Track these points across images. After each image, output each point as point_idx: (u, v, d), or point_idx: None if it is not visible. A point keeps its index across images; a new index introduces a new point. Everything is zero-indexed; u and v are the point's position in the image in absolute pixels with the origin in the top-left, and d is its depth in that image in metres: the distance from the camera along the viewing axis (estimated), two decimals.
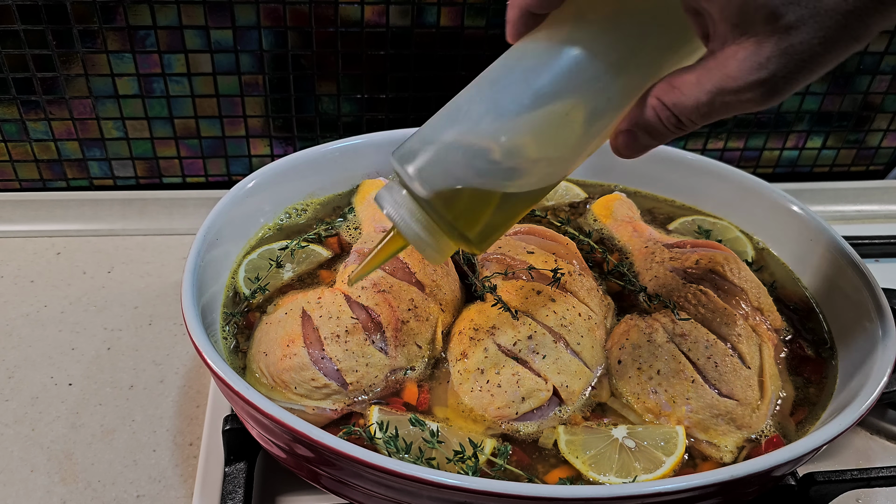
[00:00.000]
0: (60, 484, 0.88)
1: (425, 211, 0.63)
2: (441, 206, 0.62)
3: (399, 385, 0.83)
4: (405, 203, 0.63)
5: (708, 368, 0.81)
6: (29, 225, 1.27)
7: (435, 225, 0.63)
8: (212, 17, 1.16)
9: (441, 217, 0.62)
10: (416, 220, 0.63)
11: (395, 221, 0.64)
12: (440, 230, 0.64)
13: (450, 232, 0.64)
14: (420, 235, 0.64)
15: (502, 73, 0.62)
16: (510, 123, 0.60)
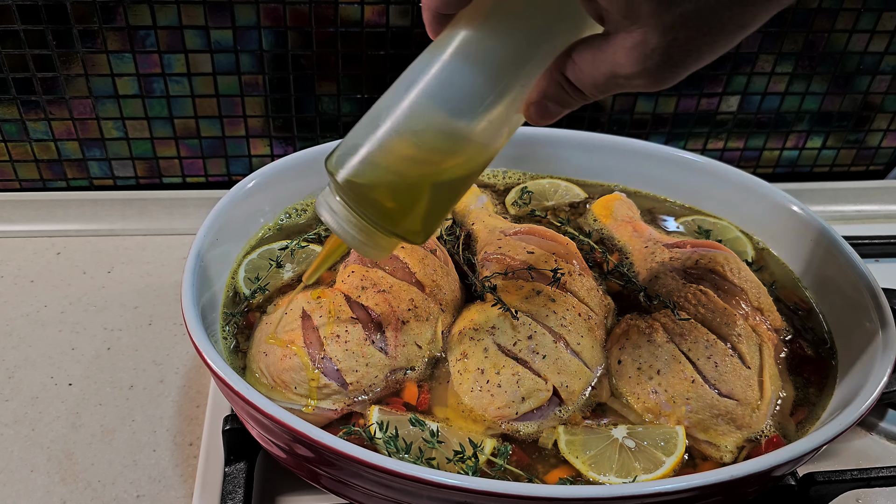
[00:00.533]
0: (60, 484, 0.88)
1: (357, 214, 0.66)
2: (369, 207, 0.65)
3: (399, 385, 0.83)
4: (338, 209, 0.67)
5: (708, 368, 0.81)
6: (29, 225, 1.27)
7: (368, 225, 0.66)
8: (212, 17, 1.16)
9: (371, 217, 0.66)
10: (350, 224, 0.67)
11: (332, 228, 0.68)
12: (374, 230, 0.66)
13: (384, 231, 0.66)
14: (357, 238, 0.67)
15: (418, 74, 0.65)
16: (426, 119, 0.63)
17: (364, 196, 0.65)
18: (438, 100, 0.63)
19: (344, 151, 0.65)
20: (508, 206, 1.11)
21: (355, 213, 0.66)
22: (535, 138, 1.15)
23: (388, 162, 0.64)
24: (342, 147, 0.66)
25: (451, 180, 0.67)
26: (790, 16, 1.29)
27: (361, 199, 0.65)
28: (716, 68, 1.33)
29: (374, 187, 0.64)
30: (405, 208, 0.66)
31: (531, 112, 0.65)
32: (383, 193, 0.65)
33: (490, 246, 0.96)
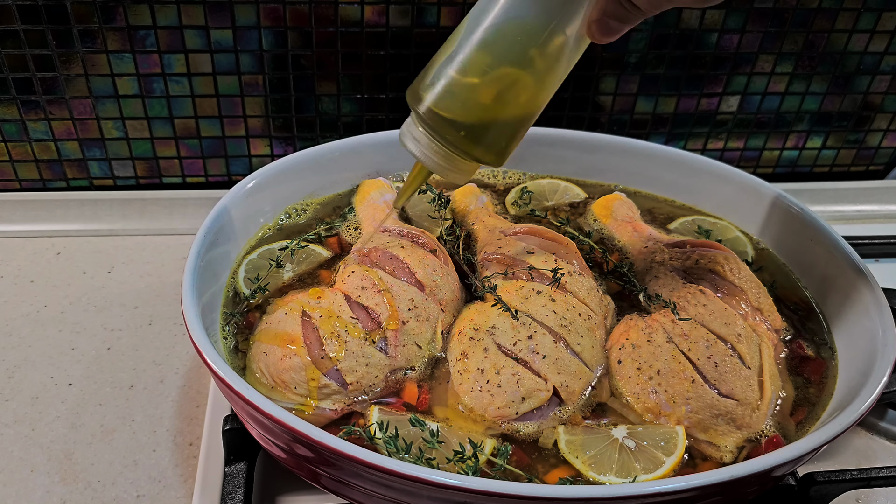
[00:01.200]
0: (60, 484, 0.88)
1: (439, 141, 0.72)
2: (450, 133, 0.72)
3: (399, 385, 0.83)
4: (421, 137, 0.73)
5: (708, 368, 0.81)
6: (29, 225, 1.27)
7: (450, 151, 0.73)
8: (212, 17, 1.16)
9: (452, 143, 0.72)
10: (432, 151, 0.73)
11: (416, 156, 0.74)
12: (455, 155, 0.73)
13: (464, 155, 0.73)
14: (439, 163, 0.74)
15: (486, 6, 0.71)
16: (499, 46, 0.70)
17: (445, 124, 0.71)
18: (509, 26, 0.69)
19: (424, 84, 0.72)
20: (508, 206, 1.11)
21: (437, 140, 0.72)
22: (535, 138, 1.15)
23: (465, 90, 0.70)
24: (422, 80, 0.73)
25: (524, 103, 0.72)
26: (790, 16, 1.29)
27: (442, 126, 0.71)
28: (716, 68, 1.33)
29: (454, 115, 0.71)
30: (483, 133, 0.72)
31: (593, 30, 0.70)
32: (462, 120, 0.71)
33: (490, 246, 0.96)
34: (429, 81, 0.72)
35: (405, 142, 0.75)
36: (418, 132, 0.73)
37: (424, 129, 0.73)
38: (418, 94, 0.72)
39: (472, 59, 0.70)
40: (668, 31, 1.28)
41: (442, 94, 0.71)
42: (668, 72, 1.32)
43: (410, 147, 0.74)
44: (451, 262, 0.95)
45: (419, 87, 0.72)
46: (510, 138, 0.74)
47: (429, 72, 0.72)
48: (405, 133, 0.75)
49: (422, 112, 0.72)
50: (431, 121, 0.71)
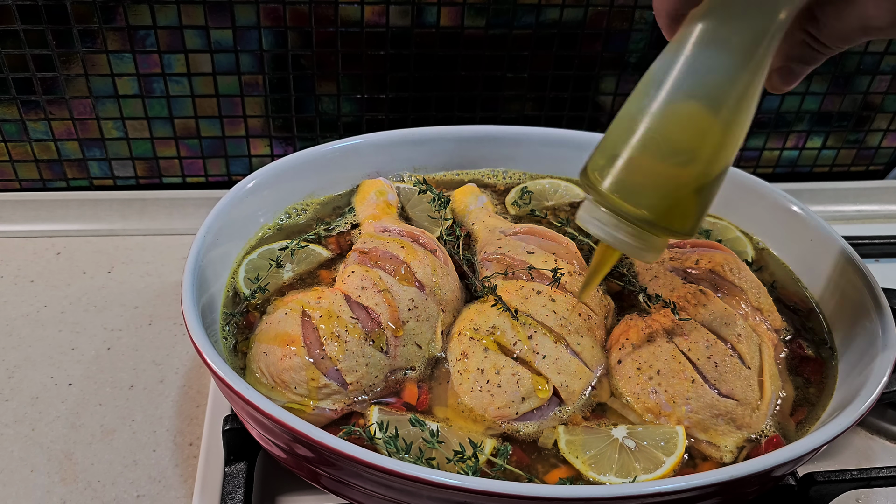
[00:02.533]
0: (60, 484, 0.88)
1: (627, 221, 0.67)
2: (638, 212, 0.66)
3: (399, 385, 0.83)
4: (607, 220, 0.68)
5: (708, 368, 0.81)
6: (29, 225, 1.27)
7: (640, 230, 0.67)
8: (212, 17, 1.16)
9: (641, 222, 0.67)
10: (622, 232, 0.68)
11: (604, 239, 0.69)
12: (647, 232, 0.68)
13: (657, 231, 0.68)
14: (631, 244, 0.68)
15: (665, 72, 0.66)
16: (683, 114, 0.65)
17: (632, 203, 0.66)
18: (693, 92, 0.65)
19: (603, 162, 0.67)
20: (508, 206, 1.11)
21: (625, 220, 0.67)
22: (536, 138, 1.15)
23: (651, 166, 0.65)
24: (599, 157, 0.67)
25: (715, 167, 0.67)
26: None
27: (629, 206, 0.66)
28: None
29: (643, 193, 0.66)
30: (676, 206, 0.67)
31: (775, 79, 0.68)
32: (651, 197, 0.66)
33: (490, 246, 0.96)
34: (609, 160, 0.66)
35: (588, 227, 0.69)
36: (602, 214, 0.68)
37: (609, 209, 0.67)
38: (598, 176, 0.67)
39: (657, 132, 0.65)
40: None
41: (627, 172, 0.66)
42: None
43: (596, 232, 0.69)
44: (451, 262, 0.95)
45: (598, 168, 0.67)
46: (704, 204, 0.69)
47: (607, 149, 0.67)
48: (587, 219, 0.69)
49: (605, 193, 0.66)
50: (617, 202, 0.66)
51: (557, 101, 1.34)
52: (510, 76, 1.30)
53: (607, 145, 0.67)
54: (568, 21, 1.24)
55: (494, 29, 1.23)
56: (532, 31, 1.24)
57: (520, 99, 1.33)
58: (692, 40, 0.65)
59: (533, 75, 1.30)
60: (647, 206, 0.66)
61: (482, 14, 1.21)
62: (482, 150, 1.16)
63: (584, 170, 0.69)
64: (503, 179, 1.17)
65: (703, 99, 0.64)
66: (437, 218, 1.05)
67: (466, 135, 1.15)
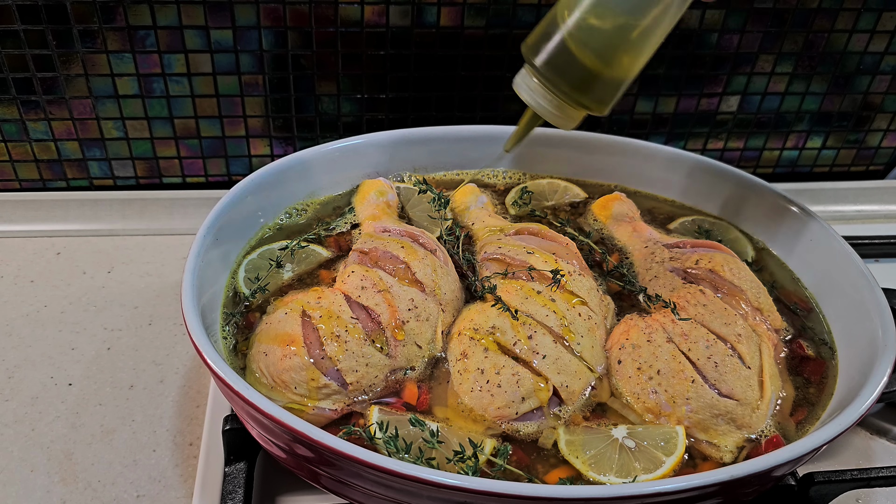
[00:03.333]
0: (60, 484, 0.88)
1: (551, 91, 0.82)
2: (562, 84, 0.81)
3: (399, 385, 0.83)
4: (535, 87, 0.83)
5: (708, 368, 0.81)
6: (29, 225, 1.27)
7: (562, 100, 0.82)
8: (212, 17, 1.16)
9: (564, 93, 0.81)
10: (545, 100, 0.83)
11: (531, 104, 0.85)
12: (566, 103, 0.83)
13: (574, 103, 0.82)
14: (551, 111, 0.84)
15: None
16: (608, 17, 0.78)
17: (558, 75, 0.80)
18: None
19: (540, 38, 0.81)
20: (508, 206, 1.11)
21: (550, 90, 0.82)
22: (536, 138, 1.15)
23: (578, 45, 0.79)
24: (538, 34, 0.81)
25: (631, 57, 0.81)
26: (790, 16, 1.29)
27: (556, 78, 0.81)
28: (716, 68, 1.33)
29: (567, 68, 0.80)
30: (592, 84, 0.80)
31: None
32: (574, 72, 0.80)
33: (490, 246, 0.96)
34: (544, 36, 0.80)
35: (520, 91, 0.84)
36: (533, 82, 0.83)
37: (539, 80, 0.82)
38: (535, 48, 0.81)
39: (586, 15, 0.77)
40: None
41: (558, 48, 0.79)
42: (668, 72, 1.32)
43: (524, 96, 0.84)
44: (451, 262, 0.95)
45: (536, 42, 0.81)
46: (616, 89, 0.82)
47: (544, 26, 0.81)
48: (520, 83, 0.84)
49: (538, 65, 0.81)
50: (546, 73, 0.80)
51: None
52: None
53: (545, 24, 0.80)
54: None
55: (494, 29, 1.23)
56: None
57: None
58: None
59: None
60: (568, 79, 0.80)
61: (482, 14, 1.21)
62: (482, 150, 1.16)
63: (525, 42, 0.83)
64: (503, 179, 1.17)
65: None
66: (437, 218, 1.05)
67: (466, 135, 1.15)
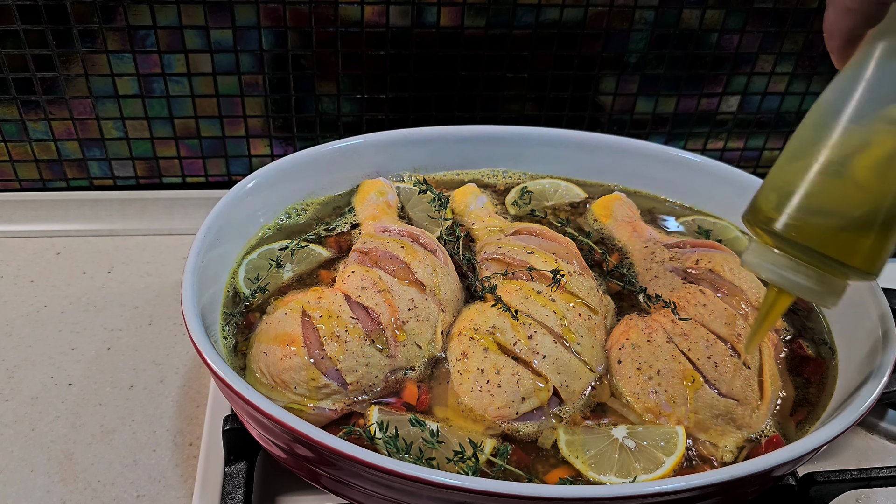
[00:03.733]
0: (60, 484, 0.88)
1: (805, 262, 0.62)
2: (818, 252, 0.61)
3: (399, 385, 0.83)
4: (781, 262, 0.63)
5: (708, 368, 0.81)
6: (29, 225, 1.27)
7: (820, 271, 0.62)
8: (212, 17, 1.16)
9: (822, 262, 0.62)
10: (802, 275, 0.63)
11: (779, 283, 0.64)
12: (829, 274, 0.62)
13: (841, 272, 0.62)
14: (810, 287, 0.63)
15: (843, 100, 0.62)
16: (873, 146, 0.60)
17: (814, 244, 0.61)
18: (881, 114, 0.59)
19: (777, 200, 0.62)
20: (508, 206, 1.11)
21: (804, 263, 0.62)
22: (536, 138, 1.15)
23: (833, 201, 0.60)
24: (769, 195, 0.63)
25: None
26: (790, 16, 1.29)
27: (808, 245, 0.61)
28: (716, 68, 1.33)
29: (825, 232, 0.60)
30: (861, 245, 0.60)
31: None
32: (836, 236, 0.60)
33: (490, 246, 0.96)
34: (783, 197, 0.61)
35: (759, 272, 0.65)
36: (775, 257, 0.63)
37: (786, 251, 0.63)
38: (772, 215, 0.62)
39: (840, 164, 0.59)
40: (668, 31, 1.28)
41: (807, 210, 0.61)
42: (668, 72, 1.32)
43: (770, 277, 0.64)
44: (451, 262, 0.95)
45: (771, 207, 0.62)
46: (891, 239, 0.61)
47: (779, 186, 0.62)
48: (756, 263, 0.65)
49: (780, 231, 0.61)
50: (791, 241, 0.61)
51: (557, 101, 1.34)
52: (510, 76, 1.30)
53: (778, 182, 0.62)
54: (568, 21, 1.24)
55: (494, 29, 1.23)
56: (532, 31, 1.24)
57: (520, 99, 1.33)
58: (874, 60, 0.60)
59: (533, 75, 1.30)
60: (831, 246, 0.60)
61: (482, 14, 1.21)
62: (482, 150, 1.16)
63: (751, 209, 0.64)
64: (503, 179, 1.17)
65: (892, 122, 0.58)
66: (437, 218, 1.05)
67: (466, 135, 1.15)
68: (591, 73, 1.31)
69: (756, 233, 0.64)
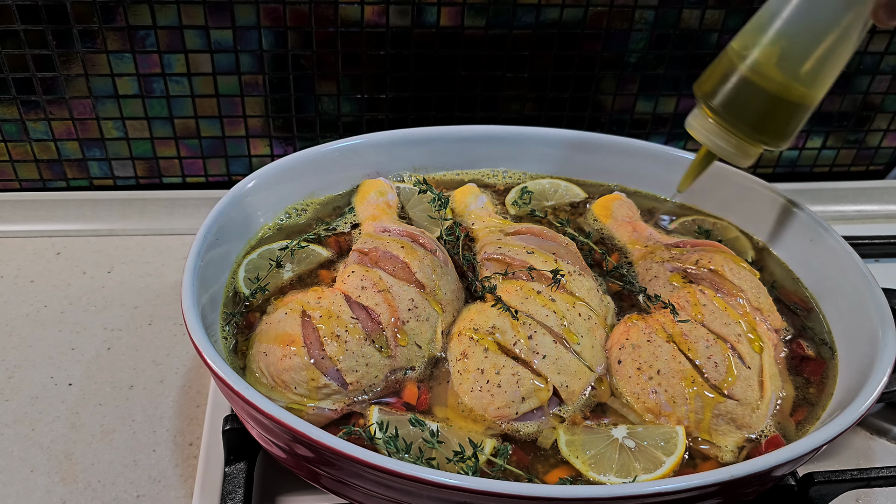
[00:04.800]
0: (60, 484, 0.88)
1: (728, 130, 0.84)
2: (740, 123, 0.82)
3: (399, 385, 0.83)
4: (711, 128, 0.85)
5: (708, 368, 0.81)
6: (29, 225, 1.27)
7: (739, 139, 0.84)
8: (212, 17, 1.16)
9: (742, 131, 0.83)
10: (722, 139, 0.85)
11: (707, 144, 0.86)
12: (744, 141, 0.84)
13: (752, 140, 0.84)
14: (728, 150, 0.85)
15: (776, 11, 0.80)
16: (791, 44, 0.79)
17: (737, 114, 0.82)
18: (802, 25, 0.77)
19: (714, 79, 0.83)
20: (508, 206, 1.11)
21: (728, 129, 0.83)
22: (536, 138, 1.15)
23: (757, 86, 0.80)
24: (712, 75, 0.84)
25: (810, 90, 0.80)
26: None
27: (734, 117, 0.82)
28: None
29: (747, 108, 0.81)
30: (772, 120, 0.81)
31: (881, 14, 0.76)
32: (754, 111, 0.81)
33: (490, 246, 0.96)
34: (722, 77, 0.82)
35: (694, 132, 0.86)
36: (709, 123, 0.84)
37: (716, 120, 0.83)
38: (712, 90, 0.83)
39: (765, 56, 0.79)
40: (668, 31, 1.28)
41: (738, 86, 0.81)
42: (668, 72, 1.32)
43: (700, 137, 0.86)
44: (451, 262, 0.95)
45: (712, 84, 0.83)
46: (799, 119, 0.83)
47: (720, 68, 0.82)
48: (693, 125, 0.86)
49: (716, 105, 0.82)
50: (725, 113, 0.82)
51: (557, 101, 1.34)
52: (510, 76, 1.30)
53: (723, 65, 0.82)
54: (568, 21, 1.24)
55: (494, 29, 1.23)
56: (532, 31, 1.24)
57: (520, 99, 1.33)
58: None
59: (533, 75, 1.30)
60: (748, 119, 0.81)
61: (482, 14, 1.21)
62: (482, 150, 1.16)
63: (700, 82, 0.84)
64: (503, 179, 1.17)
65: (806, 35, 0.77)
66: (437, 218, 1.05)
67: (466, 135, 1.15)
68: (591, 73, 1.31)
69: (698, 101, 0.85)
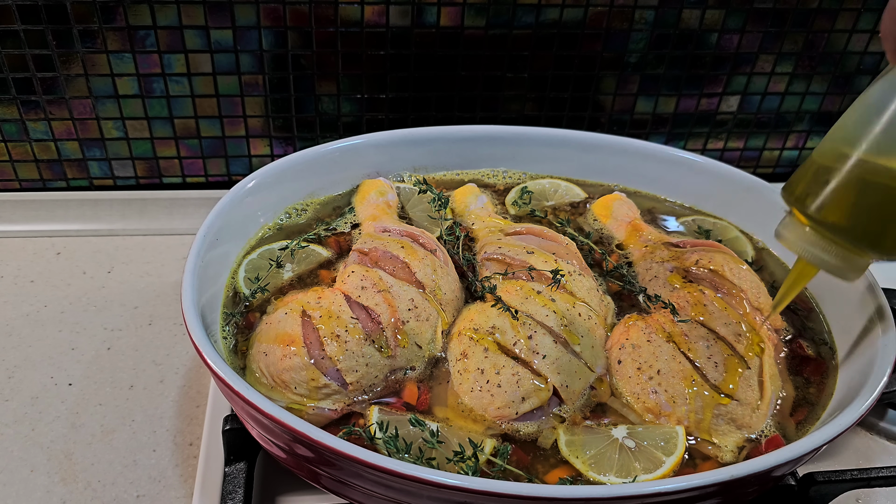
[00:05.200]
0: (60, 484, 0.88)
1: (831, 241, 0.68)
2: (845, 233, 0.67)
3: (399, 385, 0.83)
4: (811, 238, 0.69)
5: (708, 368, 0.81)
6: (29, 225, 1.27)
7: (844, 250, 0.68)
8: (212, 17, 1.16)
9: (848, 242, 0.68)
10: (824, 251, 0.69)
11: (808, 259, 0.70)
12: (850, 253, 0.68)
13: (864, 252, 0.68)
14: (833, 263, 0.69)
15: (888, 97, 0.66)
16: None
17: (839, 224, 0.67)
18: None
19: (813, 182, 0.68)
20: (508, 206, 1.11)
21: (829, 240, 0.68)
22: (536, 138, 1.15)
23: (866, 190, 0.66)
24: (807, 176, 0.69)
25: None
26: (790, 16, 1.29)
27: (836, 226, 0.67)
28: (716, 68, 1.33)
29: (854, 215, 0.67)
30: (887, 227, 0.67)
31: None
32: (863, 219, 0.67)
33: (490, 246, 0.96)
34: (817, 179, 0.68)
35: (788, 244, 0.71)
36: (805, 232, 0.69)
37: (816, 229, 0.69)
38: (804, 192, 0.69)
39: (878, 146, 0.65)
40: (668, 31, 1.28)
41: (842, 189, 0.66)
42: (668, 72, 1.32)
43: (797, 250, 0.70)
44: (451, 262, 0.95)
45: (803, 184, 0.69)
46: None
47: (813, 168, 0.69)
48: (786, 235, 0.71)
49: (812, 213, 0.68)
50: (825, 219, 0.68)
51: (557, 101, 1.34)
52: (510, 76, 1.30)
53: (818, 165, 0.68)
54: (568, 21, 1.24)
55: (494, 29, 1.23)
56: (532, 31, 1.25)
57: (520, 99, 1.33)
58: None
59: (533, 75, 1.30)
60: (858, 228, 0.67)
61: (482, 14, 1.21)
62: (482, 150, 1.16)
63: (789, 186, 0.70)
64: (503, 179, 1.17)
65: None
66: (437, 218, 1.05)
67: (466, 135, 1.15)
68: (591, 73, 1.31)
69: (797, 208, 0.69)
